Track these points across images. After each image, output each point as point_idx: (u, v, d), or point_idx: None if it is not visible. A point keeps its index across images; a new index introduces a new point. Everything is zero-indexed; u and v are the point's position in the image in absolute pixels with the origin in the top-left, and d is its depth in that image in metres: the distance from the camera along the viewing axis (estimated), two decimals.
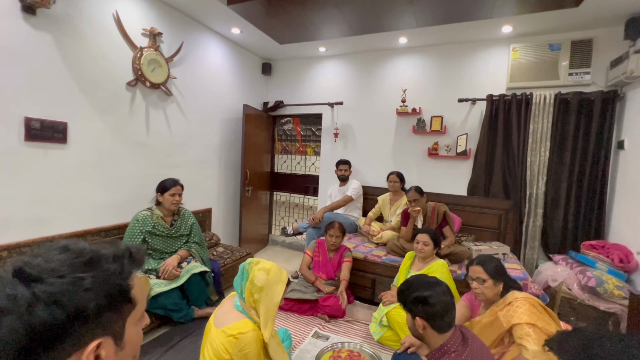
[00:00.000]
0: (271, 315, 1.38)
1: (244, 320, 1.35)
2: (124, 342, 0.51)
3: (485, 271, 1.62)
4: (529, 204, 3.06)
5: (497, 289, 1.63)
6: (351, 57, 3.98)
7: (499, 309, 1.56)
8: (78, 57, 2.24)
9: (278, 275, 1.44)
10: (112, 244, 0.55)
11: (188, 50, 3.13)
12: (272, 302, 1.39)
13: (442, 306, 1.20)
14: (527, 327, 1.41)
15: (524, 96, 3.04)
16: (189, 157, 3.26)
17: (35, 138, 2.01)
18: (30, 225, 2.05)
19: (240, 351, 1.27)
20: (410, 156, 3.66)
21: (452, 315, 1.22)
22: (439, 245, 2.34)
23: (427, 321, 1.21)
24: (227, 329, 1.32)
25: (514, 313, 1.48)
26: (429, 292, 1.23)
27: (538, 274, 2.79)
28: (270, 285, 1.39)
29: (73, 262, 0.48)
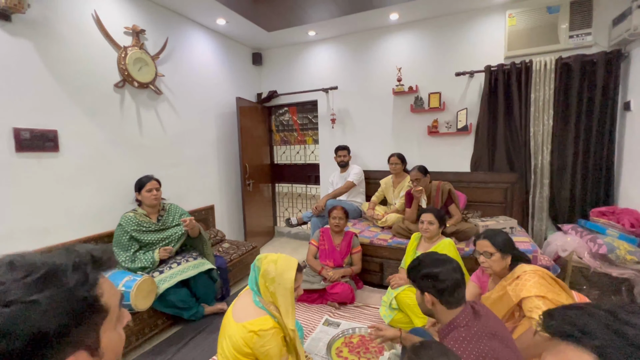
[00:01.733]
0: (290, 302, 1.41)
1: (265, 317, 1.36)
2: (100, 350, 0.49)
3: (493, 244, 1.60)
4: (535, 175, 2.99)
5: (504, 262, 1.60)
6: (342, 39, 3.86)
7: (508, 283, 1.53)
8: (61, 61, 2.18)
9: (286, 262, 1.45)
10: (70, 250, 0.50)
11: (174, 46, 3.05)
12: (286, 290, 1.40)
13: (452, 282, 1.19)
14: (536, 300, 1.38)
15: (523, 64, 2.93)
16: (185, 155, 3.22)
17: (26, 148, 1.98)
18: (33, 235, 2.04)
19: (262, 347, 1.29)
20: (410, 136, 3.59)
21: (462, 291, 1.21)
22: (444, 223, 2.30)
23: (436, 297, 1.21)
24: (249, 325, 1.32)
25: (523, 286, 1.45)
26: (439, 268, 1.22)
27: (547, 245, 2.75)
28: (280, 274, 1.41)
29: (23, 282, 0.43)
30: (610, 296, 2.36)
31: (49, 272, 0.45)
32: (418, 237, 2.41)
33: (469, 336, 1.11)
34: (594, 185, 2.86)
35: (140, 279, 1.93)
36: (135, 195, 2.37)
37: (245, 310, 1.40)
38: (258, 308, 1.40)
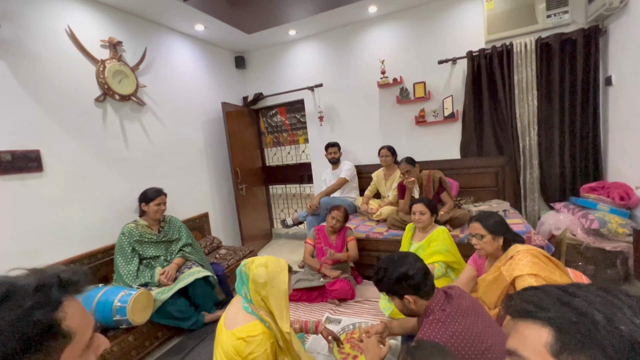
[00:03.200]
0: (284, 305, 1.38)
1: (253, 323, 1.33)
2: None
3: (484, 227, 1.62)
4: (524, 156, 3.01)
5: (497, 244, 1.61)
6: (323, 36, 3.85)
7: (502, 263, 1.54)
8: (38, 80, 2.15)
9: (277, 265, 1.42)
10: (37, 271, 0.48)
11: (153, 55, 3.01)
12: (280, 292, 1.37)
13: (420, 273, 1.22)
14: (529, 278, 1.39)
15: (504, 47, 2.94)
16: (174, 165, 3.20)
17: (8, 171, 1.95)
18: (21, 258, 2.01)
19: (251, 354, 1.26)
20: (398, 128, 3.59)
21: (431, 277, 1.23)
22: (436, 212, 2.31)
23: (414, 293, 1.22)
24: (237, 332, 1.30)
25: (516, 266, 1.46)
26: (404, 267, 1.23)
27: (541, 225, 2.77)
28: (273, 278, 1.37)
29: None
30: (606, 270, 2.38)
31: (6, 292, 0.43)
32: (412, 227, 2.42)
33: (442, 317, 1.14)
34: (583, 161, 2.89)
35: (136, 293, 1.91)
36: (139, 205, 2.35)
37: (235, 317, 1.38)
38: (247, 314, 1.37)
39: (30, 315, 0.44)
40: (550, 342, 0.41)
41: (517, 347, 0.45)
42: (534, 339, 0.43)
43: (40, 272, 0.49)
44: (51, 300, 0.46)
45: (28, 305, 0.44)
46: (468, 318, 1.13)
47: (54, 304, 0.46)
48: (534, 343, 0.43)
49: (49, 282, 0.47)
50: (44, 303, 0.45)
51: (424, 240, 2.27)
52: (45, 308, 0.45)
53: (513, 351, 0.46)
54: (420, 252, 2.23)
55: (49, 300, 0.46)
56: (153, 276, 2.23)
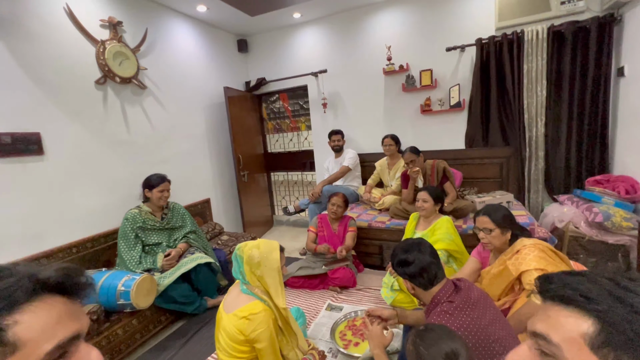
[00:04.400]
0: (278, 281, 1.43)
1: (254, 302, 1.36)
2: None
3: (492, 220, 1.60)
4: (530, 147, 2.97)
5: (504, 238, 1.60)
6: (329, 19, 3.74)
7: (508, 257, 1.54)
8: (36, 60, 2.09)
9: (268, 245, 1.47)
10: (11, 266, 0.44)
11: (155, 37, 2.93)
12: (273, 270, 1.42)
13: (419, 265, 1.24)
14: (536, 273, 1.38)
15: (515, 35, 2.86)
16: (176, 149, 3.16)
17: (8, 153, 1.92)
18: (25, 242, 2.01)
19: (254, 331, 1.29)
20: (403, 116, 3.54)
21: (431, 272, 1.25)
22: (440, 201, 2.29)
23: (410, 281, 1.27)
24: (239, 312, 1.33)
25: (523, 260, 1.45)
26: (406, 254, 1.28)
27: (544, 216, 2.77)
28: (265, 257, 1.42)
29: None
30: (607, 263, 2.39)
31: None
32: (416, 217, 2.41)
33: (450, 309, 1.15)
34: (589, 154, 2.86)
35: (139, 278, 1.92)
36: (143, 191, 2.33)
37: (235, 301, 1.41)
38: (246, 295, 1.41)
39: None
40: (590, 334, 0.39)
41: (548, 331, 0.43)
42: (571, 327, 0.41)
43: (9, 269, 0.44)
44: (9, 301, 0.41)
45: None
46: (476, 310, 1.13)
47: (10, 305, 0.41)
48: (570, 331, 0.41)
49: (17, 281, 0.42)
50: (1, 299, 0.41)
51: (428, 230, 2.27)
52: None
53: (541, 334, 0.44)
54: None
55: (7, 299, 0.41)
56: (155, 262, 2.23)
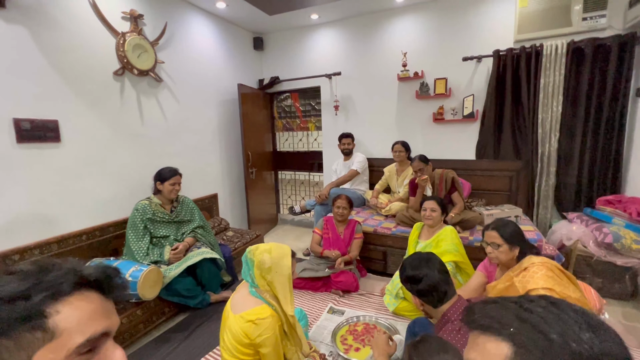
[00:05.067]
0: (288, 288, 1.43)
1: (261, 306, 1.36)
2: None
3: (501, 236, 1.59)
4: (541, 162, 2.95)
5: (512, 254, 1.59)
6: (346, 22, 3.74)
7: (515, 274, 1.53)
8: (58, 49, 2.12)
9: (280, 250, 1.46)
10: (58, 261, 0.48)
11: (173, 31, 2.96)
12: (284, 276, 1.42)
13: (427, 283, 1.24)
14: (543, 292, 1.38)
15: (533, 48, 2.84)
16: (187, 143, 3.19)
17: (27, 139, 1.96)
18: (38, 226, 2.05)
19: (259, 336, 1.30)
20: (415, 123, 3.53)
21: (440, 289, 1.24)
22: (446, 211, 2.29)
23: (419, 298, 1.27)
24: (246, 315, 1.33)
25: (530, 278, 1.44)
26: (415, 271, 1.28)
27: (552, 233, 2.74)
28: (277, 263, 1.42)
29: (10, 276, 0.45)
30: (614, 284, 2.37)
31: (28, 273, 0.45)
32: (420, 226, 2.41)
33: (462, 328, 1.14)
34: (602, 173, 2.82)
35: (146, 269, 1.95)
36: (155, 183, 2.36)
37: (243, 301, 1.41)
38: (255, 298, 1.40)
39: (24, 298, 0.43)
40: (510, 356, 0.44)
41: (478, 359, 0.48)
42: (495, 352, 0.45)
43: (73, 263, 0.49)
44: (55, 290, 0.45)
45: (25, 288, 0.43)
46: None
47: (56, 295, 0.45)
48: (495, 356, 0.45)
49: (65, 273, 0.46)
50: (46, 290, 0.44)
51: (432, 239, 2.27)
52: (43, 295, 0.44)
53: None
54: (428, 250, 2.22)
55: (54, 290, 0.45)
56: (162, 254, 2.25)
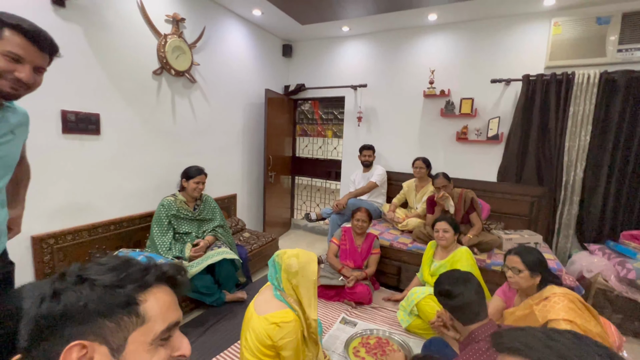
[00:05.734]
0: (312, 293, 1.47)
1: (285, 310, 1.41)
2: (123, 355, 0.49)
3: (523, 262, 1.60)
4: (565, 190, 2.92)
5: (533, 281, 1.59)
6: (376, 36, 3.80)
7: (535, 302, 1.53)
8: (105, 47, 2.24)
9: (307, 256, 1.51)
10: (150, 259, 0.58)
11: (210, 35, 3.08)
12: (310, 281, 1.47)
13: (463, 300, 1.27)
14: (564, 323, 1.37)
15: (564, 76, 2.83)
16: (213, 144, 3.29)
17: (71, 130, 2.07)
18: (72, 214, 2.15)
19: (282, 339, 1.34)
20: (438, 140, 3.54)
21: (474, 309, 1.27)
22: (458, 230, 2.29)
23: (451, 313, 1.31)
24: (270, 317, 1.38)
25: (551, 308, 1.44)
26: (452, 286, 1.32)
27: (571, 263, 2.70)
28: (304, 267, 1.46)
29: (100, 267, 0.52)
30: (634, 322, 2.31)
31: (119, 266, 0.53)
32: (434, 245, 2.41)
33: (489, 351, 1.15)
34: (628, 206, 2.77)
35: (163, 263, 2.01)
36: (181, 180, 2.45)
37: (267, 304, 1.45)
38: (279, 301, 1.45)
39: (121, 286, 0.51)
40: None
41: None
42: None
43: (151, 259, 0.57)
44: (143, 281, 0.53)
45: (123, 276, 0.51)
46: None
47: (144, 285, 0.53)
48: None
49: (149, 267, 0.55)
50: (137, 280, 0.52)
51: (447, 259, 2.26)
52: (135, 284, 0.52)
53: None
54: (442, 271, 2.22)
55: (142, 280, 0.53)
56: (183, 251, 2.33)
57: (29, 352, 0.47)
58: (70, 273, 0.51)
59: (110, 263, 0.53)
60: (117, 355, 0.48)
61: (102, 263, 0.53)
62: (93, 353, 0.47)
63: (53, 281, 0.50)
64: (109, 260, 0.54)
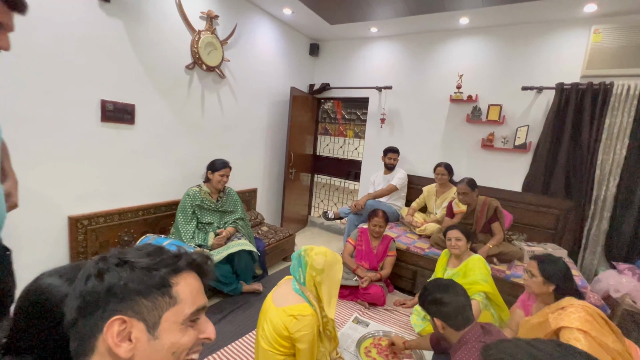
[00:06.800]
0: (334, 293, 1.50)
1: (303, 304, 1.44)
2: (157, 332, 0.53)
3: (539, 269, 1.58)
4: (595, 205, 2.80)
5: (545, 288, 1.56)
6: (404, 38, 3.77)
7: (551, 311, 1.50)
8: (143, 42, 2.36)
9: (334, 257, 1.54)
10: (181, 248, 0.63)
11: (241, 32, 3.16)
12: (334, 281, 1.49)
13: (455, 306, 1.29)
14: (577, 332, 1.33)
15: (602, 86, 2.71)
16: (238, 138, 3.37)
17: (109, 119, 2.20)
18: (105, 198, 2.28)
19: (299, 331, 1.37)
20: (462, 147, 3.48)
21: (466, 313, 1.30)
22: (472, 239, 2.24)
23: (444, 320, 1.31)
24: (288, 309, 1.42)
25: (566, 317, 1.40)
26: (442, 294, 1.33)
27: (597, 281, 2.59)
28: (330, 266, 1.48)
29: (137, 252, 0.57)
30: None
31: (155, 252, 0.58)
32: (448, 253, 2.37)
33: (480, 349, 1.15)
34: None
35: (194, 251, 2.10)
36: (206, 172, 2.54)
37: (286, 296, 1.49)
38: (298, 295, 1.48)
39: (156, 269, 0.56)
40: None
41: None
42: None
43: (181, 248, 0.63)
44: (176, 266, 0.58)
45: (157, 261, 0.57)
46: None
47: (176, 270, 0.57)
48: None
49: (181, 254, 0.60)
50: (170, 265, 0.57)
51: (459, 267, 2.22)
52: (166, 269, 0.56)
53: None
54: (455, 279, 2.17)
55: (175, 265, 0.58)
56: (207, 239, 2.42)
57: (75, 324, 0.53)
58: (111, 255, 0.56)
59: (146, 249, 0.59)
60: (152, 332, 0.53)
61: (139, 249, 0.59)
62: (132, 328, 0.52)
63: (96, 262, 0.56)
64: (145, 247, 0.60)
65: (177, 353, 0.55)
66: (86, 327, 0.52)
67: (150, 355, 0.52)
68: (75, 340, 0.53)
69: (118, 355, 0.51)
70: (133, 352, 0.51)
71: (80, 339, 0.53)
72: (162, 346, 0.53)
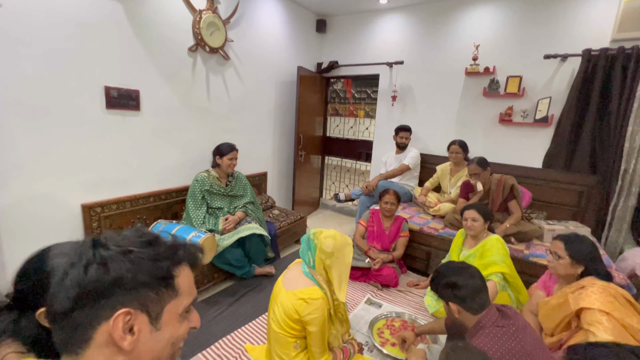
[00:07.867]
0: (344, 277, 1.47)
1: (313, 287, 1.43)
2: (160, 324, 0.54)
3: (566, 249, 1.50)
4: (622, 180, 2.63)
5: (573, 270, 1.49)
6: (415, 9, 3.55)
7: (571, 290, 1.44)
8: (144, 24, 2.29)
9: (344, 239, 1.50)
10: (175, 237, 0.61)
11: (244, 10, 3.04)
12: (344, 264, 1.46)
13: (471, 289, 1.24)
14: (599, 314, 1.26)
15: (635, 50, 2.48)
16: (245, 121, 3.32)
17: (114, 106, 2.18)
18: (116, 185, 2.30)
19: (309, 315, 1.36)
20: (478, 122, 3.32)
21: (482, 296, 1.25)
22: (489, 219, 2.15)
23: (459, 304, 1.26)
24: (299, 292, 1.41)
25: (586, 297, 1.34)
26: (457, 277, 1.28)
27: (622, 260, 2.47)
28: (340, 249, 1.45)
29: (136, 239, 0.55)
30: None
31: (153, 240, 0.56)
32: (463, 233, 2.30)
33: (499, 333, 1.15)
34: None
35: (204, 236, 2.11)
36: (214, 157, 2.52)
37: (296, 280, 1.48)
38: (307, 278, 1.46)
39: (160, 260, 0.54)
40: None
41: None
42: None
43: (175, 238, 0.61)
44: (176, 258, 0.57)
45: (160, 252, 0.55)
46: (522, 336, 1.13)
47: (176, 262, 0.57)
48: None
49: (179, 245, 0.59)
50: (171, 257, 0.56)
51: (476, 248, 2.15)
52: (168, 261, 0.55)
53: None
54: (472, 260, 2.12)
55: (175, 257, 0.57)
56: (217, 224, 2.43)
57: (70, 313, 0.50)
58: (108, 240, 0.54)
59: (145, 237, 0.56)
60: (155, 324, 0.53)
61: (133, 235, 0.57)
62: (135, 320, 0.51)
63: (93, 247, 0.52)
64: (137, 233, 0.57)
65: (175, 343, 0.57)
66: (83, 318, 0.50)
67: (151, 347, 0.53)
68: (65, 331, 0.51)
69: (121, 347, 0.50)
70: (135, 344, 0.51)
71: (73, 329, 0.50)
72: (163, 337, 0.54)
